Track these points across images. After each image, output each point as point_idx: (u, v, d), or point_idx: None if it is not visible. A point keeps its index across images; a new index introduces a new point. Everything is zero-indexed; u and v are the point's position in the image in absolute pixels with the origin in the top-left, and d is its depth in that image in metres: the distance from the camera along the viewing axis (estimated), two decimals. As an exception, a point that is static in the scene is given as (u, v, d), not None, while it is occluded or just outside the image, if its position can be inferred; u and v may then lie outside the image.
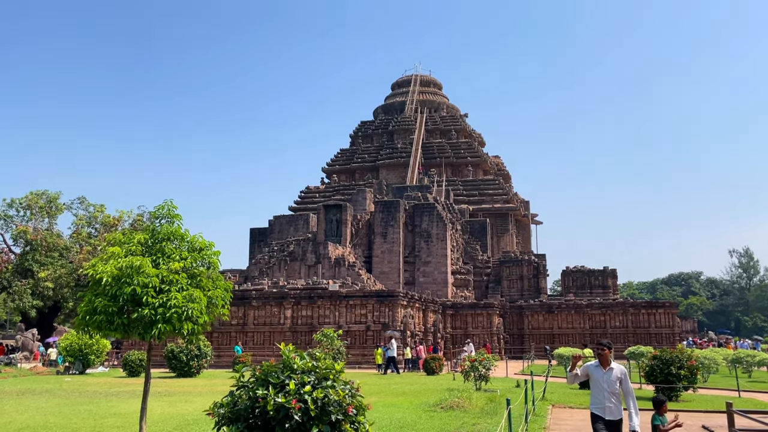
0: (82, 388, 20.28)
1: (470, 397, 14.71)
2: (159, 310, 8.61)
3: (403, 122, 74.63)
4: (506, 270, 56.31)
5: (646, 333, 46.55)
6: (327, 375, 5.57)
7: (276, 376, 5.48)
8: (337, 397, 5.37)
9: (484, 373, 18.01)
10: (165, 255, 9.15)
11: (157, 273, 8.79)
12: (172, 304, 8.60)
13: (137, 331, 8.84)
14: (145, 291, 8.60)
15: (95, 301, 8.76)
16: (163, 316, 8.63)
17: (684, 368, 16.32)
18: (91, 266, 8.95)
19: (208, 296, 9.38)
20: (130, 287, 8.53)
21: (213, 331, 37.71)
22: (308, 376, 5.50)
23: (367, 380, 22.84)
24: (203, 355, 26.10)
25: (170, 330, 8.84)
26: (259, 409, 5.34)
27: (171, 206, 9.58)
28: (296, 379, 5.38)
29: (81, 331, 9.18)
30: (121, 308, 8.79)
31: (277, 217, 59.96)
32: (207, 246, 9.56)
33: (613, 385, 6.99)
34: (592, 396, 7.20)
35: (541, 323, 48.73)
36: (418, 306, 39.63)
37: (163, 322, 8.68)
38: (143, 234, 9.41)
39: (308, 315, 36.78)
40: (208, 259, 9.45)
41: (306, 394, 5.27)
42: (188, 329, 9.05)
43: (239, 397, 5.59)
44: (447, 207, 59.55)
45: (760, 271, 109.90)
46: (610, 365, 7.09)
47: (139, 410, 13.81)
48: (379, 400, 16.08)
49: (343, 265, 47.73)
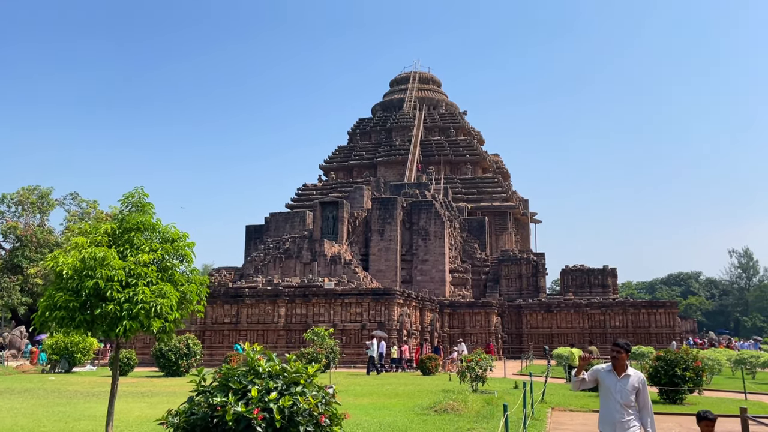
0: (64, 388, 19.56)
1: (466, 400, 14.00)
2: (125, 306, 7.89)
3: (402, 119, 73.88)
4: (505, 269, 55.61)
5: (647, 333, 45.88)
6: (297, 380, 4.85)
7: (238, 380, 4.77)
8: (308, 405, 4.66)
9: (480, 373, 17.29)
10: (133, 246, 8.42)
11: (124, 266, 8.07)
12: (140, 299, 7.89)
13: (101, 328, 8.12)
14: (109, 285, 7.88)
15: (56, 295, 8.04)
16: (129, 312, 7.91)
17: (689, 370, 15.64)
18: (52, 258, 8.23)
19: (181, 291, 8.66)
20: (92, 281, 7.81)
21: (205, 329, 37.03)
22: (275, 380, 4.79)
23: (361, 381, 22.15)
24: (192, 354, 25.38)
25: (137, 327, 8.12)
26: (217, 418, 4.63)
27: (141, 194, 8.85)
28: (260, 385, 4.67)
29: (41, 328, 8.45)
30: (84, 303, 8.07)
31: (273, 215, 59.21)
32: (180, 237, 8.83)
33: (629, 396, 5.76)
34: (601, 409, 5.97)
35: (540, 322, 48.06)
36: (414, 305, 38.93)
37: (129, 318, 7.96)
38: (111, 224, 8.69)
39: (303, 313, 36.07)
40: (181, 252, 8.72)
41: (271, 402, 4.56)
42: (158, 327, 8.32)
43: (197, 405, 4.87)
44: (445, 205, 58.84)
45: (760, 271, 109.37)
46: (626, 371, 5.88)
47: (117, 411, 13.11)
48: (371, 401, 15.38)
49: (339, 262, 47.01)
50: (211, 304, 37.31)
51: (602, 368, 6.02)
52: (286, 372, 4.82)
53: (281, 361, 5.10)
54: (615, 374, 5.88)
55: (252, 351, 5.00)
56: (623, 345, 6.02)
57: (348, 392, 17.65)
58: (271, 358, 5.09)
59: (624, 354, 5.91)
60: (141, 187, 8.91)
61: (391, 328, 34.74)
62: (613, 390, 5.81)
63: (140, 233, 8.59)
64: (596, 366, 6.09)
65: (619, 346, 6.00)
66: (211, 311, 37.28)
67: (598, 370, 6.02)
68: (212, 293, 38.50)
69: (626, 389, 5.78)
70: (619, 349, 5.95)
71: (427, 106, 77.10)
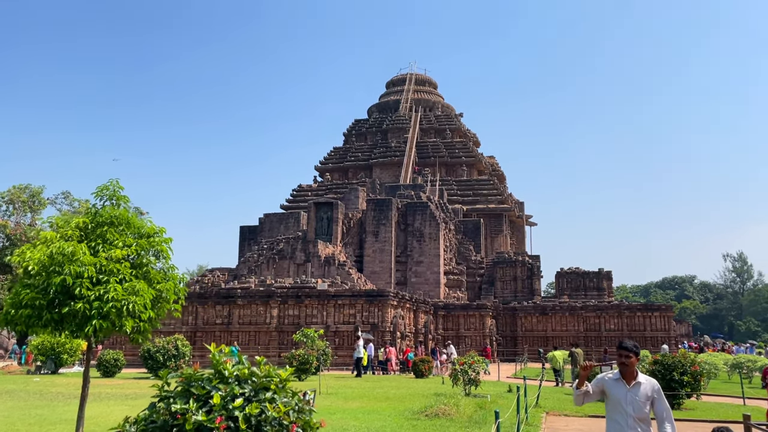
0: (47, 389, 19.04)
1: (458, 404, 13.58)
2: (95, 304, 7.44)
3: (398, 121, 73.51)
4: (500, 271, 55.24)
5: (641, 336, 45.58)
6: (267, 385, 4.42)
7: (201, 385, 4.33)
8: (277, 413, 4.23)
9: (473, 377, 16.87)
10: (106, 242, 7.97)
11: (95, 262, 7.62)
12: (110, 297, 7.44)
13: (70, 327, 7.67)
14: (78, 282, 7.43)
15: (22, 293, 7.59)
16: (99, 311, 7.46)
17: (687, 374, 15.26)
18: (19, 253, 7.78)
19: (156, 289, 8.21)
20: (60, 277, 7.36)
21: (196, 330, 36.53)
22: (242, 386, 4.36)
23: (352, 383, 21.70)
24: (181, 355, 24.86)
25: (109, 327, 7.67)
26: (177, 428, 4.19)
27: (116, 186, 8.41)
28: (224, 391, 4.23)
29: (5, 327, 7.99)
30: (52, 301, 7.62)
31: (267, 215, 58.72)
32: (156, 232, 8.39)
33: (642, 407, 4.92)
34: (608, 426, 5.12)
35: (535, 325, 47.72)
36: (408, 306, 38.52)
37: (99, 317, 7.51)
38: (83, 217, 8.25)
39: (295, 314, 35.61)
40: (157, 247, 8.27)
41: (236, 410, 4.13)
42: (131, 326, 7.88)
43: (158, 412, 4.43)
44: (440, 206, 58.47)
45: (754, 275, 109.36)
46: (636, 379, 5.03)
47: (96, 415, 12.64)
48: (361, 405, 14.94)
49: (333, 264, 46.57)
50: (202, 304, 36.83)
51: (608, 377, 5.15)
52: (255, 376, 4.39)
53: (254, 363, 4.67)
54: (624, 383, 5.02)
55: (219, 353, 4.56)
56: (632, 348, 5.10)
57: (338, 395, 17.21)
58: (241, 361, 4.66)
59: (634, 358, 5.05)
60: (116, 179, 8.49)
61: (385, 330, 34.31)
62: (623, 402, 4.95)
63: (114, 228, 8.16)
64: (601, 375, 5.24)
65: (627, 349, 5.09)
66: (202, 312, 36.79)
67: (603, 380, 5.15)
68: (204, 294, 38.01)
69: (639, 400, 4.94)
70: (628, 353, 5.06)
71: (423, 108, 76.78)
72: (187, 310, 36.95)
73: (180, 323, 36.81)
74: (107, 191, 8.38)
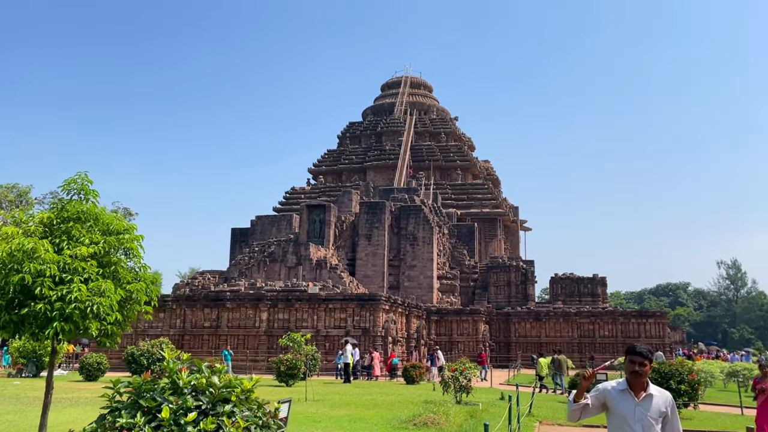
0: (24, 394, 18.41)
1: (448, 412, 13.08)
2: (56, 305, 6.91)
3: (392, 124, 73.11)
4: (494, 276, 54.79)
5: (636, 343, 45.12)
6: (226, 396, 3.92)
7: (151, 397, 3.83)
8: (236, 429, 3.73)
9: (465, 384, 16.37)
10: (71, 238, 7.45)
11: (58, 259, 7.09)
12: (74, 297, 6.91)
13: (30, 329, 7.14)
14: (39, 281, 6.90)
15: (-22, 292, 7.05)
16: (61, 312, 6.93)
17: (684, 383, 14.82)
18: (-24, 250, 7.23)
19: (126, 290, 7.69)
20: (18, 275, 6.83)
21: (184, 333, 35.90)
22: (199, 398, 3.85)
23: (340, 389, 21.16)
24: (166, 359, 24.22)
25: (72, 329, 7.14)
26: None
27: (85, 179, 7.89)
28: (174, 404, 3.73)
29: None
30: (11, 302, 7.09)
31: (259, 218, 58.11)
32: (126, 229, 7.87)
33: (652, 425, 4.13)
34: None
35: (529, 331, 47.25)
36: (401, 311, 38.00)
37: (61, 319, 6.98)
38: (47, 212, 7.72)
39: (285, 318, 35.03)
40: (127, 245, 7.75)
41: (188, 426, 3.64)
42: (98, 329, 7.35)
43: (104, 426, 3.93)
44: (434, 210, 58.04)
45: (748, 282, 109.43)
46: (647, 390, 4.23)
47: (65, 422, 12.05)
48: (348, 413, 14.42)
49: (325, 267, 46.00)
50: (191, 307, 36.21)
51: (612, 387, 4.34)
52: (213, 387, 3.89)
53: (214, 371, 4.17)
54: (631, 395, 4.21)
55: (174, 360, 4.06)
56: (647, 354, 4.26)
57: (324, 402, 16.68)
58: (200, 369, 4.16)
59: (648, 366, 4.23)
60: (85, 172, 7.97)
61: (376, 334, 33.78)
62: (630, 418, 4.15)
63: (81, 224, 7.63)
64: (604, 384, 4.40)
65: (642, 356, 4.24)
66: (191, 315, 36.18)
67: (606, 391, 4.33)
68: (192, 296, 37.38)
69: (649, 416, 4.12)
70: (642, 360, 4.21)
71: (418, 111, 76.44)
72: (175, 312, 36.35)
73: (168, 326, 36.18)
74: (75, 185, 7.86)
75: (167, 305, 36.55)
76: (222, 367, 4.16)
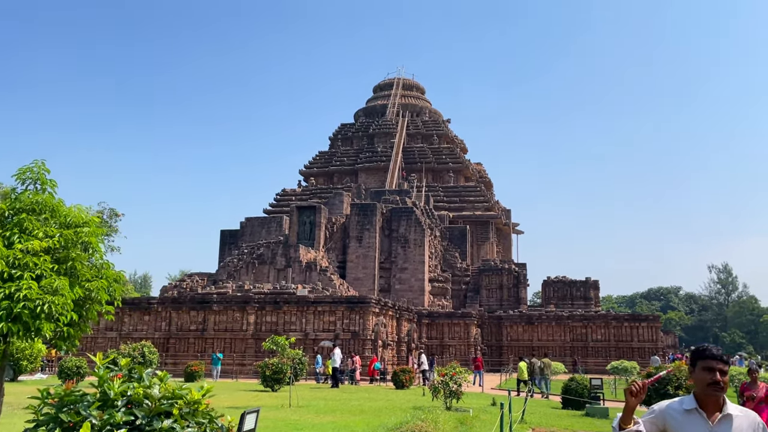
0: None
1: (437, 420, 12.48)
2: (3, 304, 6.27)
3: (384, 125, 72.57)
4: (486, 279, 54.29)
5: (629, 347, 44.80)
6: (167, 409, 3.31)
7: (74, 410, 3.22)
8: (175, 449, 3.12)
9: (455, 389, 15.77)
10: (24, 231, 6.80)
11: (7, 254, 6.45)
12: (23, 295, 6.27)
13: (-26, 331, 6.47)
14: (-16, 278, 6.26)
15: None
16: (8, 312, 6.29)
17: (682, 388, 14.28)
18: None
19: (85, 288, 7.04)
20: (-40, 271, 6.19)
21: (170, 336, 35.13)
22: (133, 411, 3.24)
23: (326, 395, 20.50)
24: (148, 363, 23.48)
25: (21, 331, 6.48)
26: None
27: (42, 168, 7.25)
28: (98, 419, 3.11)
29: None
30: (-46, 301, 6.43)
31: (249, 219, 57.34)
32: (86, 222, 7.23)
33: None
34: None
35: (521, 335, 46.78)
36: (391, 314, 37.38)
37: (8, 319, 6.33)
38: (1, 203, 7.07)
39: (273, 321, 34.32)
40: (85, 239, 7.11)
41: (116, 445, 3.02)
42: (52, 331, 6.71)
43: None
44: (426, 212, 57.50)
45: (739, 287, 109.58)
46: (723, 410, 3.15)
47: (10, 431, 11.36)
48: (333, 420, 13.79)
49: (315, 269, 45.30)
50: (176, 310, 35.44)
51: (674, 407, 3.27)
52: (150, 399, 3.28)
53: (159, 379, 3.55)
54: (703, 417, 3.14)
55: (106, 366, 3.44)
56: (723, 357, 3.20)
57: (309, 408, 16.03)
58: (141, 376, 3.55)
59: (726, 374, 3.19)
60: (42, 160, 7.32)
61: (366, 338, 33.14)
62: None
63: (35, 216, 6.99)
64: (661, 404, 3.34)
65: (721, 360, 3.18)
66: (176, 317, 35.41)
67: (666, 412, 3.25)
68: (178, 299, 36.61)
69: None
70: (724, 366, 3.17)
71: (411, 113, 75.96)
72: (160, 315, 35.58)
73: (153, 329, 35.39)
74: (30, 174, 7.21)
75: (152, 308, 35.77)
76: (164, 374, 3.54)
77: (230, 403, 17.18)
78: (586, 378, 18.59)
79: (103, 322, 36.23)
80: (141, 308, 36.12)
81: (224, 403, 17.40)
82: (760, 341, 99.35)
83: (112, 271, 7.59)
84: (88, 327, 7.49)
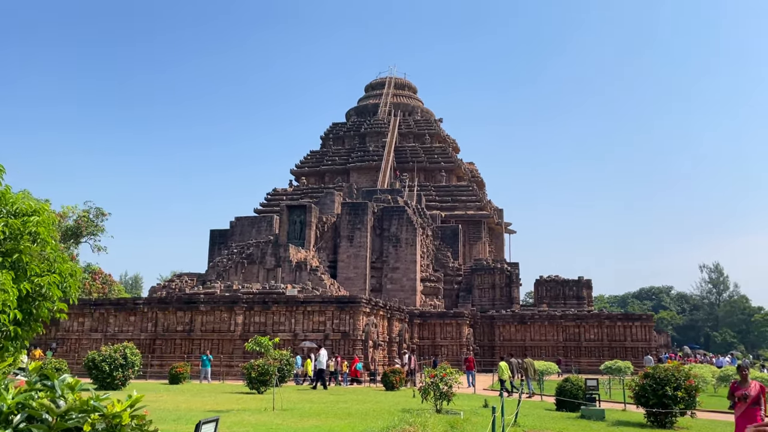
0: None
1: (426, 423, 11.87)
2: (-65, 301, 5.60)
3: (376, 125, 71.99)
4: (478, 278, 53.79)
5: (622, 347, 44.43)
6: (76, 425, 2.68)
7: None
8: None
9: (445, 391, 15.18)
10: (-36, 221, 6.14)
11: (-57, 246, 5.79)
12: (-42, 291, 5.61)
13: None
14: None
15: None
16: (-59, 310, 5.63)
17: (681, 389, 13.77)
18: None
19: (34, 283, 6.38)
20: None
21: (156, 337, 34.35)
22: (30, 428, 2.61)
23: (313, 397, 19.86)
24: (130, 365, 22.75)
25: (-43, 331, 5.82)
26: None
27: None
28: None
29: None
30: None
31: (239, 219, 56.59)
32: (36, 210, 6.57)
33: None
34: None
35: (513, 334, 46.30)
36: (382, 314, 36.77)
37: (-59, 318, 5.67)
38: (-61, 191, 6.40)
39: (261, 321, 33.63)
40: (34, 229, 6.45)
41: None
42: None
43: None
44: (418, 211, 56.95)
45: (730, 286, 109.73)
46: None
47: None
48: (316, 424, 13.16)
49: (305, 269, 44.62)
50: (163, 310, 34.68)
51: None
52: (51, 413, 2.65)
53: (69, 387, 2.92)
54: None
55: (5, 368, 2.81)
56: None
57: (294, 411, 15.39)
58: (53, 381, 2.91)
59: None
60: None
61: (356, 338, 32.53)
62: None
63: (-21, 204, 6.32)
64: None
65: None
66: (163, 318, 34.65)
67: None
68: (165, 299, 35.85)
69: None
70: None
71: (403, 112, 75.42)
72: (146, 316, 34.82)
73: (138, 330, 34.63)
74: (-25, 158, 6.53)
75: (138, 308, 35.01)
76: (76, 382, 2.92)
77: (211, 407, 16.53)
78: (581, 378, 18.04)
79: (88, 323, 35.43)
80: (127, 309, 35.34)
81: (206, 406, 16.74)
82: (751, 340, 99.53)
83: (67, 264, 6.92)
84: (40, 326, 6.82)
